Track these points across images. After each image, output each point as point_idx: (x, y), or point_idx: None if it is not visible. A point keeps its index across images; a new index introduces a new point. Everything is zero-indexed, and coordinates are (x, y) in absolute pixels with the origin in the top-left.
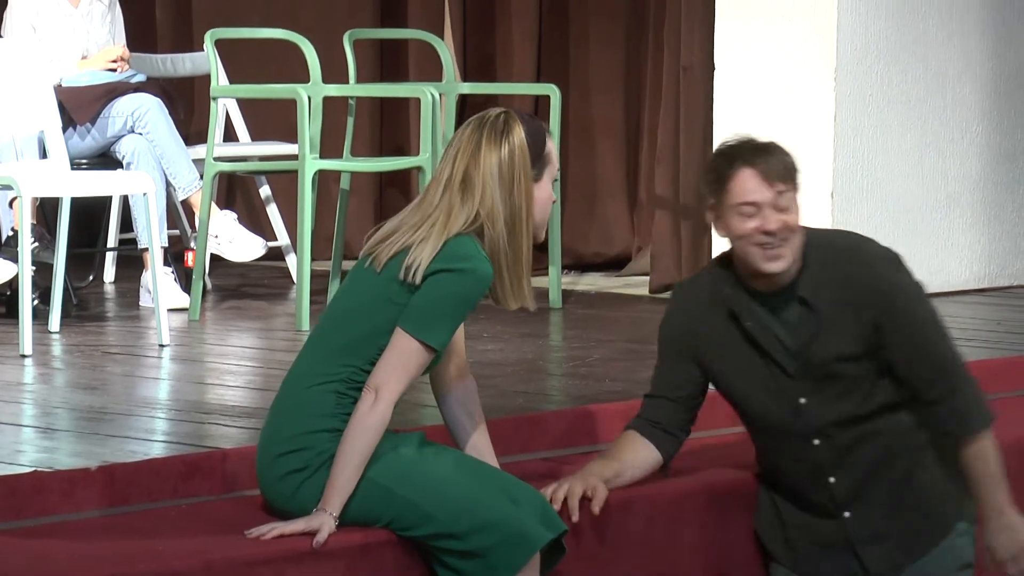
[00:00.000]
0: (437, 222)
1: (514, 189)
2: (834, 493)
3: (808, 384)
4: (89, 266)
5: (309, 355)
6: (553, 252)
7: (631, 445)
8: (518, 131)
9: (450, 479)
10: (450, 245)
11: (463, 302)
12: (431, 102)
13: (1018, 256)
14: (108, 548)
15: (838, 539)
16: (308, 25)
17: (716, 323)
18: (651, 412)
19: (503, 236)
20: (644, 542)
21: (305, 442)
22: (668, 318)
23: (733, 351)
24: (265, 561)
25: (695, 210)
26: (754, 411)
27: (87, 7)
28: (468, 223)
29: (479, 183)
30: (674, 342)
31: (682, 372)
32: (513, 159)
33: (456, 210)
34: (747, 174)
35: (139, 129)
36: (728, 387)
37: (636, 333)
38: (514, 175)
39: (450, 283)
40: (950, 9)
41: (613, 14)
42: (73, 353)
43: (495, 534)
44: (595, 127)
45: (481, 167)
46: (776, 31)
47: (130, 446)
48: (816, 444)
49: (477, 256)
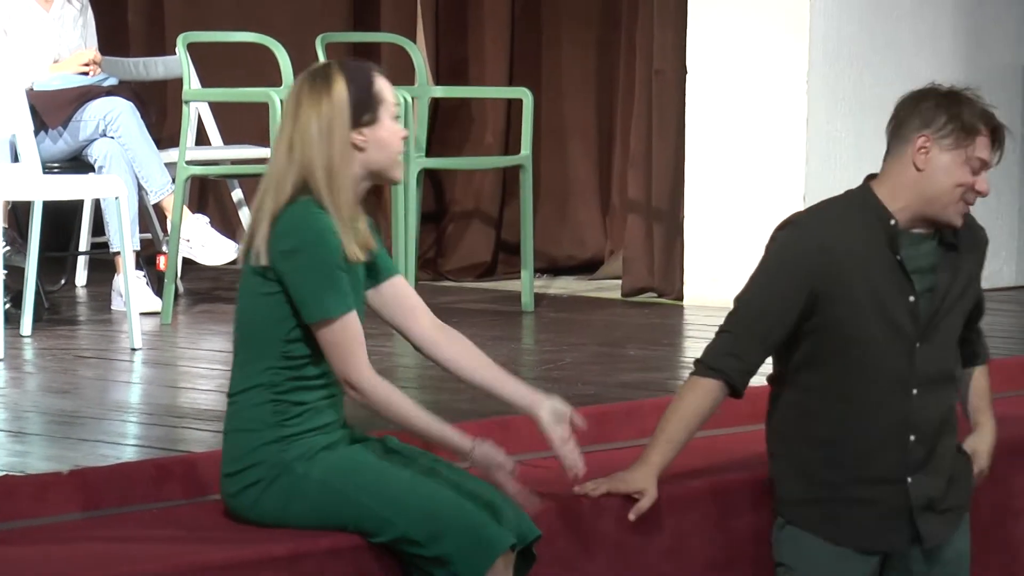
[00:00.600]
0: (267, 197)
1: (332, 144)
2: (910, 453)
3: (927, 329)
4: (61, 270)
5: (234, 371)
6: (526, 255)
7: (698, 410)
8: (338, 82)
9: (412, 486)
10: (279, 221)
11: (324, 264)
12: (403, 106)
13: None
14: (80, 552)
15: (899, 507)
16: (280, 29)
17: (868, 247)
18: (742, 351)
19: (325, 188)
20: (618, 545)
21: (255, 458)
22: (801, 238)
23: (879, 279)
24: (238, 565)
25: (667, 214)
26: (870, 349)
27: (59, 11)
28: (297, 186)
29: (299, 141)
30: (802, 263)
31: (788, 309)
32: (332, 111)
33: (282, 177)
34: (994, 138)
35: (111, 133)
36: (851, 319)
37: (609, 336)
38: (332, 131)
39: (299, 261)
40: (922, 13)
41: (585, 18)
42: (45, 357)
43: (456, 540)
44: (568, 131)
45: (301, 124)
46: (748, 35)
47: (102, 450)
48: (914, 394)
49: (306, 218)
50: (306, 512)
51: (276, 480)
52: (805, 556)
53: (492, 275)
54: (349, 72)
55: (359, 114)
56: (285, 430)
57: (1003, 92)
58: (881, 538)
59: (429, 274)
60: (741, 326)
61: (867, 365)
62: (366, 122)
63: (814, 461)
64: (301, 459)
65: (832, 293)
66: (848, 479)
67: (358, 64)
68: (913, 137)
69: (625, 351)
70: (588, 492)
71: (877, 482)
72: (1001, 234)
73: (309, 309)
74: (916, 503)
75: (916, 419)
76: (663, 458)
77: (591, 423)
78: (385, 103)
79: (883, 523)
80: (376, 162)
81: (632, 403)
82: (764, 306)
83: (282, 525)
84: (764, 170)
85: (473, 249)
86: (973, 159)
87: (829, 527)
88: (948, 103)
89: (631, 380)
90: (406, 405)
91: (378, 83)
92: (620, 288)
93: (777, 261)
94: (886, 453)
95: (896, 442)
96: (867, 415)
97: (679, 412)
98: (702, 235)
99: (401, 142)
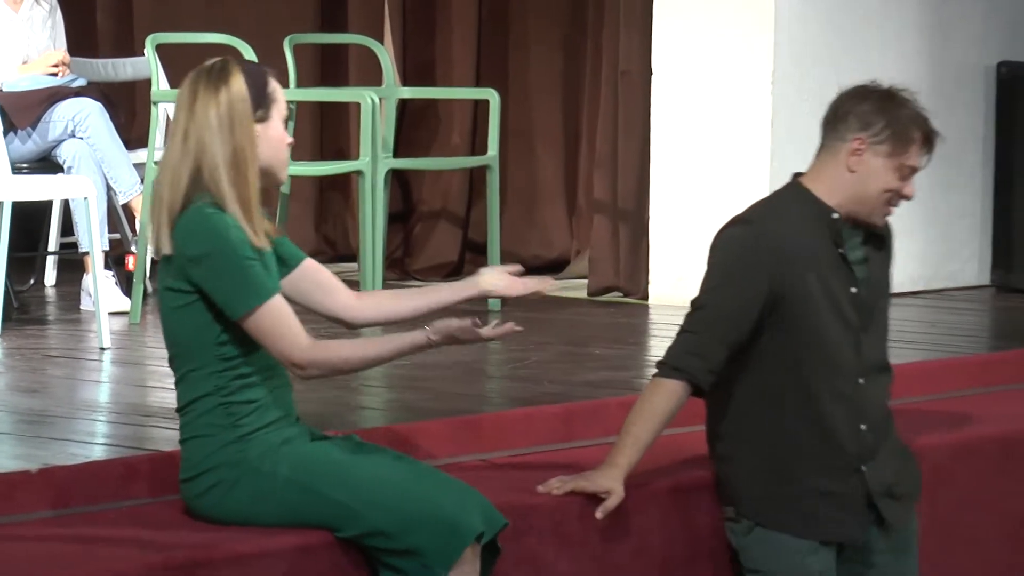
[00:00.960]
0: (163, 189)
1: (235, 133)
2: (862, 442)
3: (868, 319)
4: (30, 270)
5: (178, 387)
6: (492, 255)
7: (662, 410)
8: (236, 78)
9: (378, 479)
10: (179, 227)
11: (234, 260)
12: (371, 106)
13: (952, 259)
14: (49, 550)
15: (858, 495)
16: (249, 30)
17: (814, 241)
18: (704, 351)
19: (228, 180)
20: (584, 543)
21: (214, 460)
22: (756, 235)
23: (827, 271)
24: (204, 563)
25: (633, 214)
26: (824, 340)
27: (28, 12)
28: (192, 176)
29: (195, 133)
30: (760, 260)
31: (749, 305)
32: (232, 105)
33: (177, 168)
34: (926, 145)
35: (80, 133)
36: (806, 311)
37: (574, 336)
38: (234, 121)
39: (210, 265)
40: (887, 14)
41: (552, 20)
42: (14, 356)
43: (425, 530)
44: (534, 131)
45: (197, 116)
46: (714, 36)
47: (71, 449)
48: (861, 384)
49: (204, 221)
50: (273, 509)
51: (240, 480)
52: (775, 556)
53: (459, 274)
54: (245, 68)
55: (254, 108)
56: (240, 430)
57: (968, 91)
58: (844, 528)
59: (396, 273)
60: (702, 325)
61: (821, 357)
62: (259, 118)
63: (774, 457)
64: (264, 457)
65: (788, 288)
66: (808, 471)
67: (253, 63)
68: (849, 138)
69: (591, 350)
70: (553, 490)
71: (836, 472)
72: (964, 234)
73: (232, 307)
74: (875, 490)
75: (865, 408)
76: (629, 460)
77: (556, 421)
78: (277, 103)
79: (844, 513)
80: (266, 160)
81: (598, 401)
82: (725, 304)
83: (250, 524)
84: (729, 171)
85: (440, 249)
86: (904, 167)
87: (795, 521)
88: (886, 108)
89: (596, 379)
90: (355, 348)
91: (272, 84)
92: (586, 288)
93: (733, 259)
94: (842, 443)
95: (849, 432)
96: (822, 406)
97: (644, 414)
98: (667, 235)
99: (287, 148)
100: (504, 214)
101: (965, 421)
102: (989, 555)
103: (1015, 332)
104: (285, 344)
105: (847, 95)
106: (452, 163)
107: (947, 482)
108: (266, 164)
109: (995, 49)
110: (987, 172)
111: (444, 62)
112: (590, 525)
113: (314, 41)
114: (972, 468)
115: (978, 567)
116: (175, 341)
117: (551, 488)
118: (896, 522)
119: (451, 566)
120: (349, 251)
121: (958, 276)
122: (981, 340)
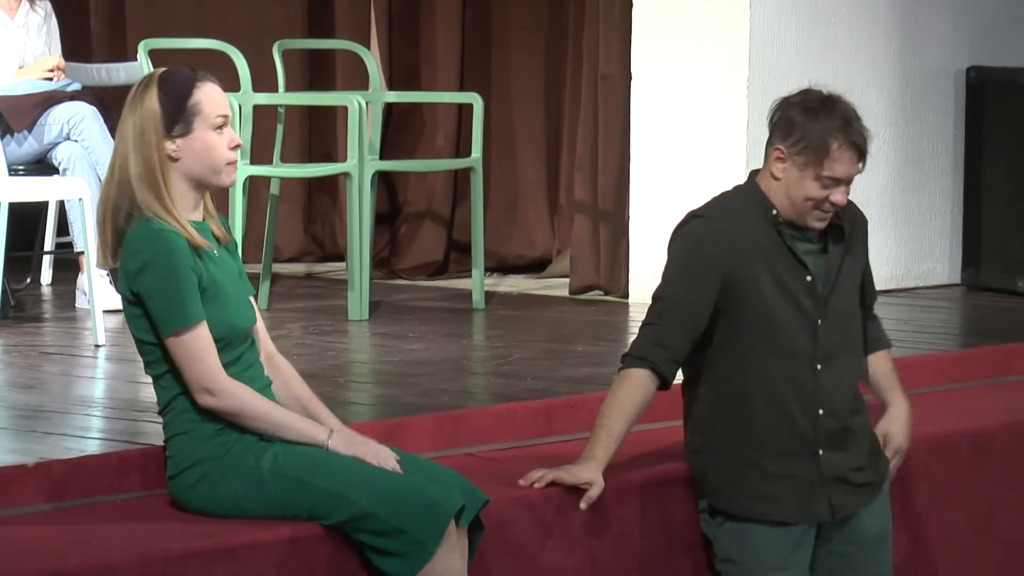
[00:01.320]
0: (102, 210)
1: (143, 149)
2: (819, 427)
3: (827, 307)
4: (26, 269)
5: (155, 388)
6: (476, 254)
7: (632, 400)
8: (150, 96)
9: (359, 466)
10: (126, 242)
11: (170, 276)
12: (358, 110)
13: (924, 258)
14: (45, 542)
15: (813, 480)
16: (238, 35)
17: (764, 234)
18: (665, 340)
19: (144, 195)
20: (567, 534)
21: (199, 455)
22: (710, 227)
23: (776, 262)
24: (197, 555)
25: (613, 214)
26: (777, 326)
27: (23, 18)
28: (121, 189)
29: (119, 152)
30: (714, 250)
31: (706, 294)
32: (143, 123)
33: (108, 187)
34: (848, 153)
35: (75, 136)
36: (758, 299)
37: (556, 333)
38: (142, 136)
39: (147, 279)
40: (858, 20)
41: (534, 25)
42: (11, 353)
43: (410, 508)
44: (517, 134)
45: (122, 133)
46: (690, 41)
47: (66, 443)
48: (819, 369)
49: (145, 236)
50: (261, 501)
51: (226, 473)
52: (746, 545)
53: (444, 274)
54: (166, 84)
55: (170, 125)
56: (217, 423)
57: (938, 96)
58: (800, 510)
59: (383, 273)
60: (663, 317)
61: (775, 343)
62: (178, 133)
63: (736, 444)
64: (248, 451)
65: (741, 277)
66: (766, 455)
67: (180, 75)
68: (772, 146)
69: (572, 347)
70: (533, 482)
71: (793, 456)
72: (935, 233)
73: (161, 326)
74: (827, 474)
75: (823, 394)
76: (606, 451)
77: (539, 417)
78: (202, 114)
79: (800, 495)
80: (193, 171)
81: (579, 397)
82: (683, 295)
83: (240, 515)
84: (706, 172)
85: (425, 249)
86: (823, 177)
87: (755, 504)
88: (806, 119)
89: (578, 375)
90: (265, 405)
91: (196, 95)
92: (568, 286)
93: (690, 251)
94: (799, 428)
95: (806, 417)
96: (779, 391)
97: (614, 406)
98: (646, 235)
99: (228, 151)
100: (488, 214)
101: (938, 416)
102: (960, 546)
103: (985, 329)
104: (202, 370)
105: (780, 102)
106: (437, 165)
107: (920, 476)
108: (195, 174)
109: (964, 55)
110: (957, 174)
111: (429, 67)
112: (573, 517)
113: (302, 46)
114: (944, 462)
115: (949, 558)
116: (143, 348)
117: (531, 480)
118: (842, 509)
119: (439, 541)
120: (337, 251)
121: (929, 275)
122: (952, 337)
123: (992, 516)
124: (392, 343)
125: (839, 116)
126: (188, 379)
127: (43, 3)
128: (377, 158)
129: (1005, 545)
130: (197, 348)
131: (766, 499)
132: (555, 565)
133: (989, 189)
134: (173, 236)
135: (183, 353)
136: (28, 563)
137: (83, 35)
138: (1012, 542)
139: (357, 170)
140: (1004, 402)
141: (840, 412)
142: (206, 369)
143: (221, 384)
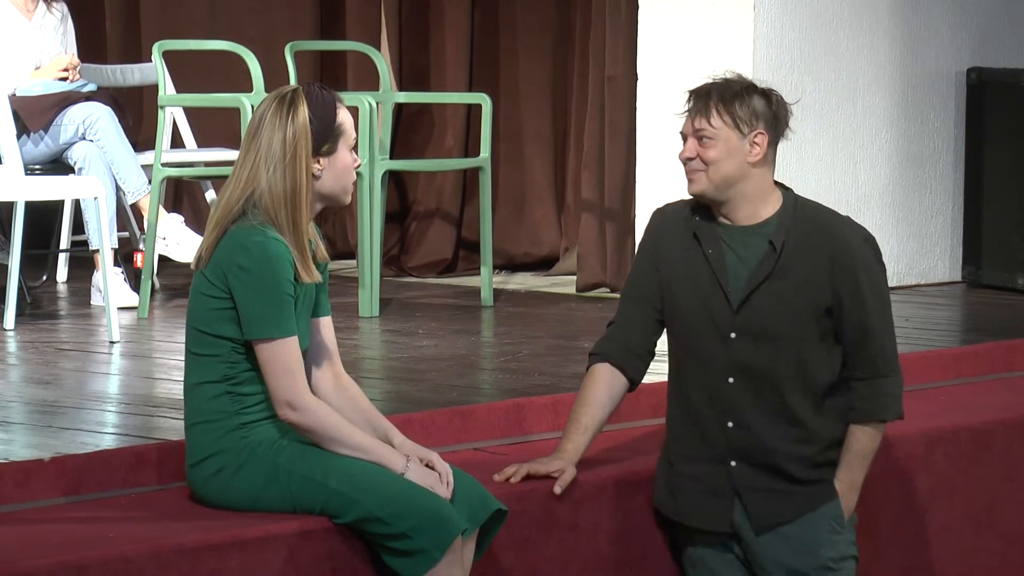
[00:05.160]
0: (219, 210)
1: (295, 166)
2: (729, 439)
3: (744, 322)
4: (43, 266)
5: (189, 360)
6: (485, 252)
7: (595, 394)
8: (302, 110)
9: (374, 470)
10: (232, 234)
11: (274, 290)
12: (368, 111)
13: (924, 256)
14: (60, 535)
15: (722, 487)
16: (251, 37)
17: (682, 242)
18: (620, 335)
19: (284, 211)
20: (571, 527)
21: (219, 446)
22: (644, 236)
23: (690, 270)
24: (210, 547)
25: (619, 213)
26: (689, 333)
27: (40, 20)
28: (248, 203)
29: (252, 163)
30: (645, 257)
31: (646, 285)
32: (295, 138)
33: (235, 193)
34: (687, 106)
35: (90, 136)
36: (675, 305)
37: (563, 330)
38: (295, 153)
39: (250, 281)
40: (860, 22)
41: (541, 27)
42: (27, 350)
43: (417, 517)
44: (524, 134)
45: (262, 146)
46: (696, 42)
47: (82, 438)
48: (730, 382)
49: (259, 240)
50: (275, 496)
51: (244, 466)
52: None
53: (453, 271)
54: (313, 102)
55: (319, 144)
56: (243, 418)
57: (939, 96)
58: (699, 514)
59: (393, 270)
60: (619, 312)
61: (689, 348)
62: (325, 152)
63: (666, 442)
64: (266, 446)
65: (665, 275)
66: (682, 456)
67: (323, 94)
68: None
69: (579, 344)
70: (510, 477)
71: (704, 461)
72: (936, 232)
73: (251, 327)
74: (740, 484)
75: (733, 407)
76: (575, 444)
77: (547, 412)
78: (345, 135)
79: (707, 500)
80: (330, 189)
81: None
82: (630, 288)
83: (254, 509)
84: None
85: (435, 246)
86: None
87: (662, 499)
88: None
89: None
90: (345, 426)
91: (340, 115)
92: (575, 284)
93: (640, 244)
94: (710, 435)
95: (717, 426)
96: (692, 397)
97: (580, 401)
98: None
99: (354, 172)
100: (496, 213)
101: (939, 412)
102: (959, 539)
103: (986, 326)
104: (286, 384)
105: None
106: (446, 164)
107: (922, 470)
108: (329, 192)
109: (965, 56)
110: (958, 174)
111: (438, 68)
112: (577, 511)
113: (314, 48)
114: (946, 457)
115: (948, 551)
116: (199, 321)
117: (506, 476)
118: (762, 521)
119: (444, 551)
120: (348, 249)
121: (930, 273)
122: (953, 334)
123: (992, 510)
124: (402, 339)
125: (714, 87)
126: (273, 391)
127: (59, 5)
128: (387, 158)
129: (1005, 538)
130: (289, 361)
131: (670, 494)
132: (560, 557)
133: (989, 188)
134: (285, 250)
135: (273, 363)
136: (44, 556)
137: (98, 36)
138: (1012, 535)
139: (368, 169)
140: (1004, 398)
141: (758, 430)
142: (292, 384)
143: (305, 401)
